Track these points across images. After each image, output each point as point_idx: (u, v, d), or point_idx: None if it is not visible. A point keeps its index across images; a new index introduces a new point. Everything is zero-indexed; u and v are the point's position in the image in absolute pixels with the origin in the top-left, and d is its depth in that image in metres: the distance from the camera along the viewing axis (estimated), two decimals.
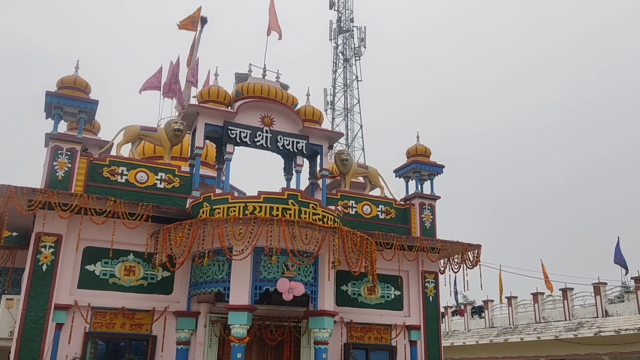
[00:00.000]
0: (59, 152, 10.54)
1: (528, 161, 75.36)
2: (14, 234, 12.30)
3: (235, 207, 10.35)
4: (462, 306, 36.95)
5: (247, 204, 10.33)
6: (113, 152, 11.90)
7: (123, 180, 11.03)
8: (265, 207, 10.31)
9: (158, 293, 10.83)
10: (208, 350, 10.79)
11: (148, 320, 10.60)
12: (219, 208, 10.42)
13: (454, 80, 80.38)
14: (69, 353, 9.87)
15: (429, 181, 14.15)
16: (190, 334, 10.78)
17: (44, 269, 9.99)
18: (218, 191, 11.02)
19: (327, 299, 10.66)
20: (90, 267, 10.51)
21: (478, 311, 35.91)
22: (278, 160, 13.74)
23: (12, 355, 9.61)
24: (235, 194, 11.52)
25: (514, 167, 77.30)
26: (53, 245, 10.14)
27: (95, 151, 12.33)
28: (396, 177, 14.46)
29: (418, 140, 14.53)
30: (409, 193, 14.07)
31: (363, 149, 42.42)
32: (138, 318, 10.54)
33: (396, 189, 14.58)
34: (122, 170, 11.07)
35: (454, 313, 37.81)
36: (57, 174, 10.40)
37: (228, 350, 10.56)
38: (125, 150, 11.65)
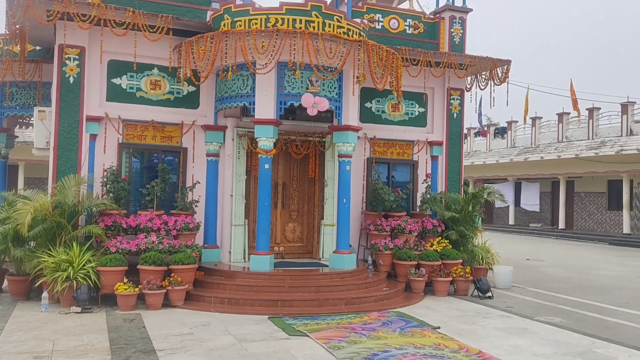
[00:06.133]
0: None
1: None
2: (37, 47, 12.26)
3: (256, 19, 10.00)
4: (486, 127, 37.14)
5: (269, 16, 9.96)
6: None
7: None
8: (288, 19, 9.94)
9: (185, 107, 11.01)
10: (237, 161, 11.26)
11: (177, 133, 10.95)
12: (240, 20, 10.09)
13: None
14: (106, 162, 10.41)
15: None
16: (219, 147, 11.17)
17: (71, 81, 10.11)
18: (239, 2, 10.57)
19: (351, 114, 10.75)
20: (116, 81, 10.59)
21: (501, 132, 36.18)
22: None
23: (50, 163, 10.16)
24: (257, 5, 11.03)
25: None
26: (77, 57, 10.11)
27: None
28: None
29: None
30: (440, 6, 13.33)
31: None
32: (168, 131, 10.88)
33: (426, 1, 13.75)
34: None
35: (477, 134, 38.16)
36: None
37: (256, 162, 11.00)
38: None
